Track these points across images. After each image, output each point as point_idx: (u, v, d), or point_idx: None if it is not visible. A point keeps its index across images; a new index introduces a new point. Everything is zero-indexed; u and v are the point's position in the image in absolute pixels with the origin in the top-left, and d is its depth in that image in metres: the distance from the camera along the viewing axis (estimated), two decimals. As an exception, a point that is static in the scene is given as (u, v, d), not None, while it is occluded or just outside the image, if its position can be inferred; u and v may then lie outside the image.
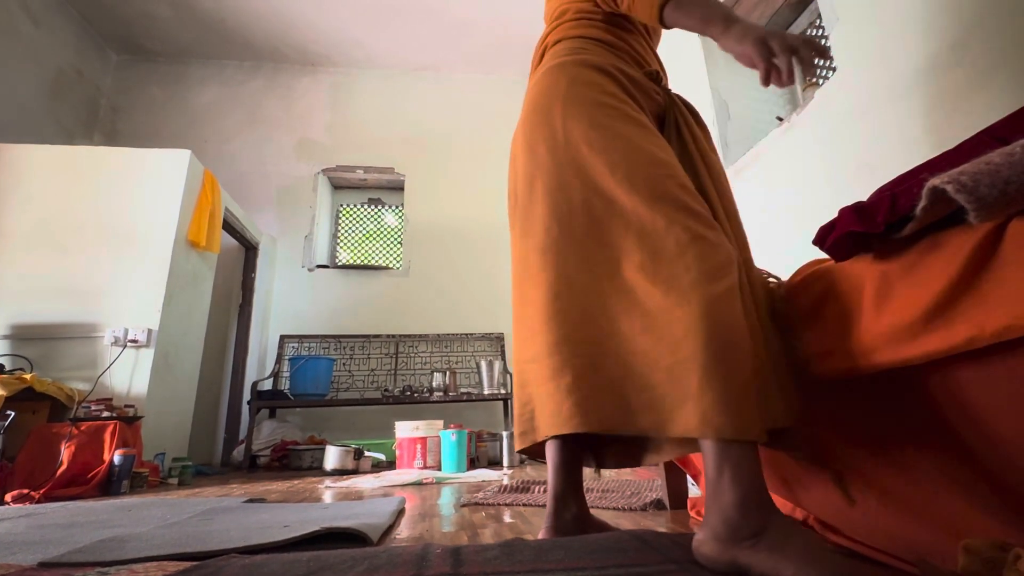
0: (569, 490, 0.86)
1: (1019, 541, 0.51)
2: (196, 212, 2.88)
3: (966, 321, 0.52)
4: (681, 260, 0.70)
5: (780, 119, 2.33)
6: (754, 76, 2.81)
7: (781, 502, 0.97)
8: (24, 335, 2.44)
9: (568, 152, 0.85)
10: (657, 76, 0.99)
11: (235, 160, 4.19)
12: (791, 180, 1.99)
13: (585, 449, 0.88)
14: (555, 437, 0.82)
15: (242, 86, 4.44)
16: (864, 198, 0.64)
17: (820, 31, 2.34)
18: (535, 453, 0.91)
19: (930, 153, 0.63)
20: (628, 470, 2.17)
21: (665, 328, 0.69)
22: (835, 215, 0.66)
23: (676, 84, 3.15)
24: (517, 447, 0.88)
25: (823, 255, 0.74)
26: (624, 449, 0.87)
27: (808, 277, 0.76)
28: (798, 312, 0.76)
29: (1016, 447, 0.51)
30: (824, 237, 0.67)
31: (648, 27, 1.06)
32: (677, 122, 0.94)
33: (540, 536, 0.88)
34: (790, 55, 0.73)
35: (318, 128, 4.44)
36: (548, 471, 0.87)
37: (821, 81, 2.31)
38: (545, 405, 0.80)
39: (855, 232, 0.61)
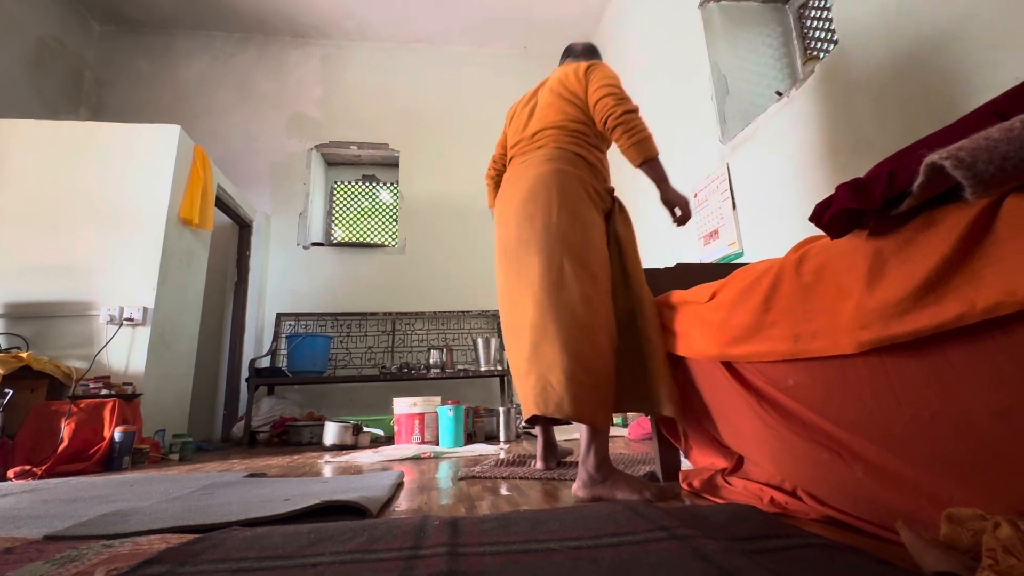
0: (549, 438, 1.61)
1: (1000, 512, 0.52)
2: (188, 189, 2.84)
3: (957, 298, 0.53)
4: (606, 321, 1.27)
5: (779, 94, 2.30)
6: (755, 50, 2.73)
7: (771, 473, 1.00)
8: (18, 313, 2.43)
9: (556, 232, 1.31)
10: (612, 190, 1.49)
11: (226, 136, 4.11)
12: (789, 156, 1.98)
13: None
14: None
15: (231, 59, 4.32)
16: (862, 174, 0.63)
17: (823, 1, 2.29)
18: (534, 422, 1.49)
19: (930, 129, 0.63)
20: (623, 444, 2.22)
21: (589, 359, 1.21)
22: (833, 191, 0.66)
23: (676, 60, 3.09)
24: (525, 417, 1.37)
25: (820, 232, 0.74)
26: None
27: (803, 255, 0.76)
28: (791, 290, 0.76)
29: (999, 425, 0.52)
30: (821, 214, 0.66)
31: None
32: (615, 220, 1.44)
33: (537, 462, 1.57)
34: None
35: (310, 103, 4.34)
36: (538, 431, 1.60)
37: (822, 55, 2.28)
38: (527, 396, 1.26)
39: (851, 209, 0.61)
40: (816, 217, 0.67)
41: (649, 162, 1.35)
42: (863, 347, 0.61)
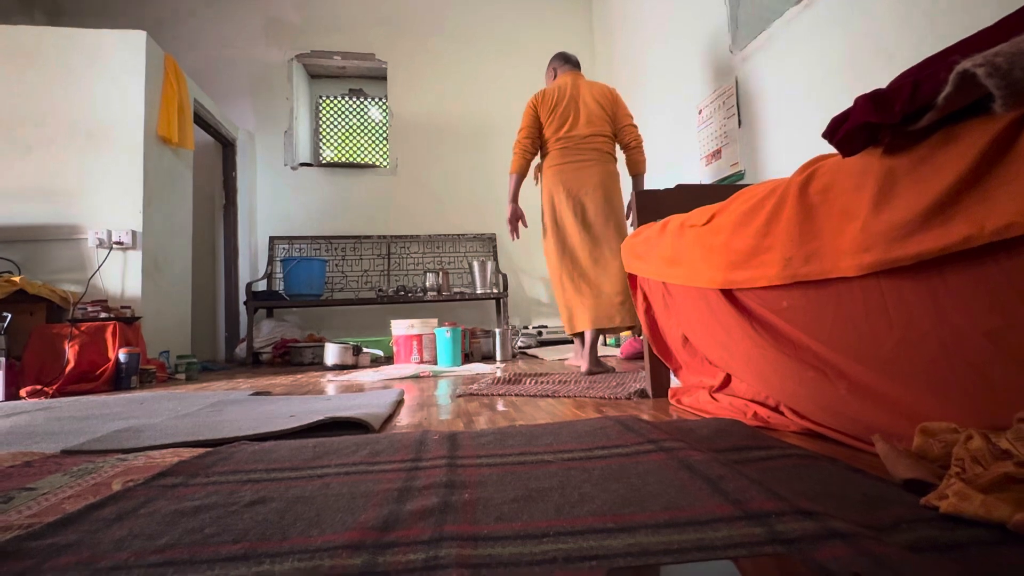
0: (595, 344, 2.03)
1: (976, 428, 0.54)
2: (163, 104, 2.67)
3: (966, 219, 0.51)
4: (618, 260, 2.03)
5: (799, -4, 2.10)
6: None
7: (756, 390, 1.04)
8: (2, 237, 2.38)
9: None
10: None
11: (197, 44, 3.80)
12: (806, 66, 1.86)
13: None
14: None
15: (194, -49, 3.88)
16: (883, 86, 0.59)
17: None
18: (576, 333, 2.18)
19: (960, 37, 0.57)
20: (614, 363, 2.30)
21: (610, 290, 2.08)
22: (851, 104, 0.62)
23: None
24: (570, 331, 2.18)
25: (830, 151, 0.70)
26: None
27: (811, 175, 0.73)
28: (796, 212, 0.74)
29: (989, 345, 0.53)
30: (835, 129, 0.62)
31: None
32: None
33: (583, 366, 2.02)
34: None
35: (287, 5, 3.97)
36: (587, 337, 2.05)
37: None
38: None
39: (869, 123, 0.57)
40: (830, 133, 0.63)
41: (642, 174, 2.24)
42: (864, 270, 0.61)
